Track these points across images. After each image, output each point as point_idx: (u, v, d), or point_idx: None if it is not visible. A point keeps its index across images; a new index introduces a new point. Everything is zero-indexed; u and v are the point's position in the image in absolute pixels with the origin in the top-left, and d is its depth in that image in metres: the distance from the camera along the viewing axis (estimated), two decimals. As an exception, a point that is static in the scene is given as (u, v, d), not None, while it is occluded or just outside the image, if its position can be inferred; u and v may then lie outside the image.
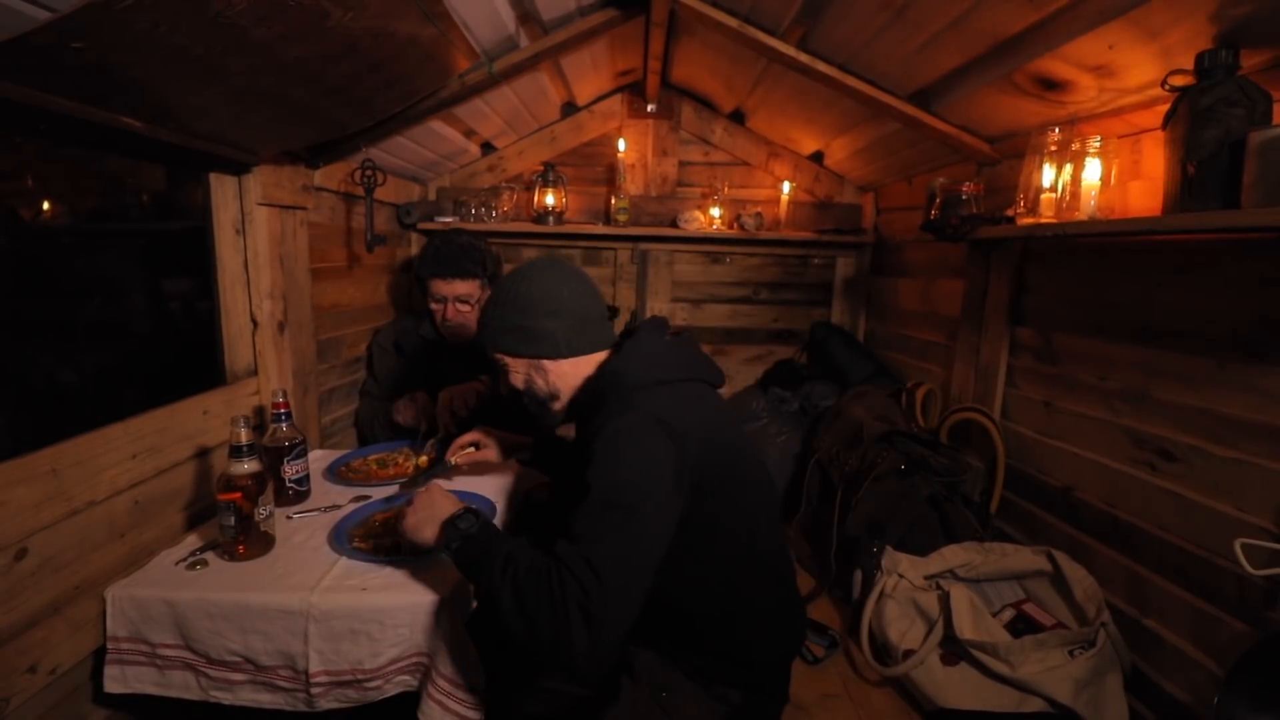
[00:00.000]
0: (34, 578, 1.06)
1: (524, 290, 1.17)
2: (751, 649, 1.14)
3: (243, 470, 1.21)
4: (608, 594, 0.89)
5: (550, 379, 1.20)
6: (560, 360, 1.18)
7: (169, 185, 1.68)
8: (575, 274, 1.22)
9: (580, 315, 1.18)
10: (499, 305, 1.19)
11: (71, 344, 1.42)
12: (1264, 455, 1.14)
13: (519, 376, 1.21)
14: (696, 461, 1.02)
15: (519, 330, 1.17)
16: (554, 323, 1.16)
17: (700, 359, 1.22)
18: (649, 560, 0.96)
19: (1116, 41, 1.19)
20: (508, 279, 1.21)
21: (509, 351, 1.20)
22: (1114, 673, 1.35)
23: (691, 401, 1.10)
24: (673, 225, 2.64)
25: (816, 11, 1.61)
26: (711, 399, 1.18)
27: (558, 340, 1.17)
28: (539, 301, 1.16)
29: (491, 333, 1.20)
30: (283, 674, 1.12)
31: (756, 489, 1.18)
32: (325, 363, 2.01)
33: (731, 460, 1.11)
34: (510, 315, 1.17)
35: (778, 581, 1.20)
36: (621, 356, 1.14)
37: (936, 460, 1.79)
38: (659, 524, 0.97)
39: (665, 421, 1.02)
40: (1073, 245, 1.61)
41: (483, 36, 1.68)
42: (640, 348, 1.15)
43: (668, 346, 1.18)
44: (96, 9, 0.78)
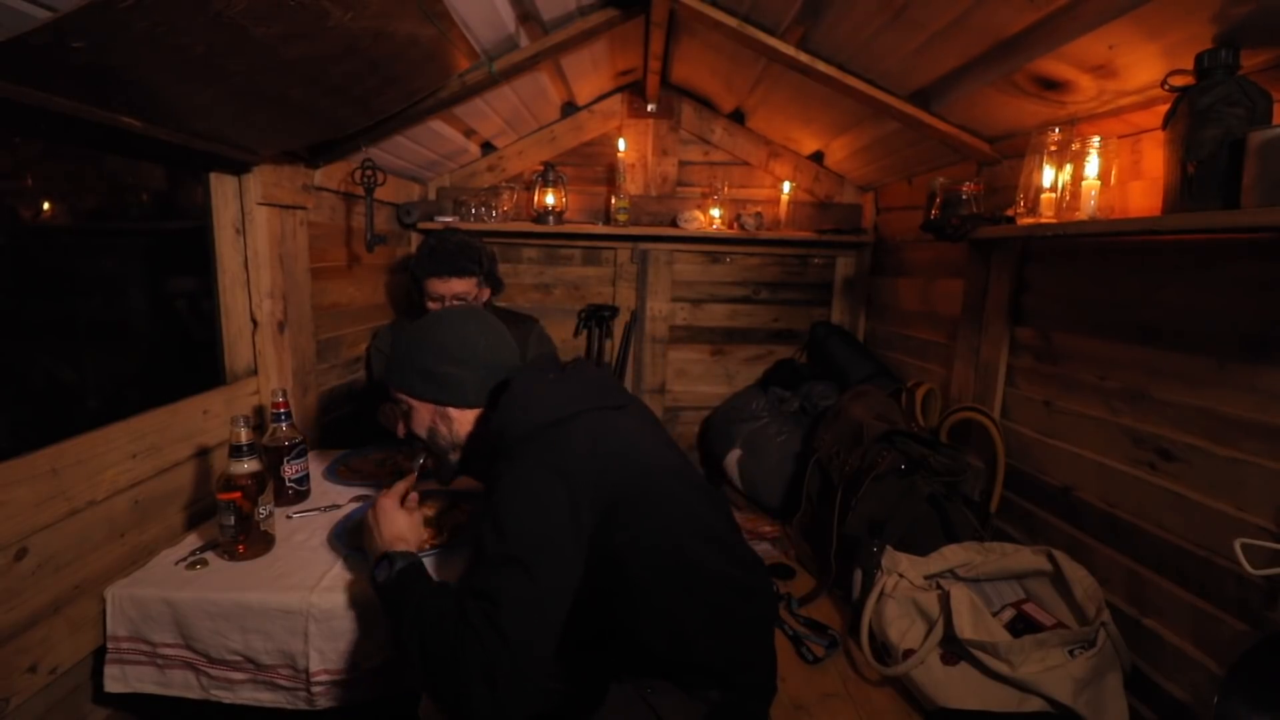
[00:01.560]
0: (34, 577, 1.06)
1: (440, 336, 1.17)
2: (717, 655, 1.11)
3: (243, 470, 1.21)
4: (513, 651, 0.89)
5: (454, 427, 1.18)
6: (466, 410, 1.17)
7: (169, 185, 1.68)
8: (492, 325, 1.22)
9: (491, 367, 1.17)
10: (412, 347, 1.18)
11: (72, 344, 1.42)
12: (1264, 455, 1.14)
13: (422, 422, 1.19)
14: (596, 495, 1.00)
15: (429, 374, 1.16)
16: (466, 371, 1.16)
17: (593, 388, 1.17)
18: (553, 610, 0.96)
19: (1117, 41, 1.19)
20: (425, 322, 1.20)
21: (415, 394, 1.18)
22: (1114, 672, 1.35)
23: (583, 436, 1.06)
24: (673, 225, 2.64)
25: (816, 11, 1.61)
26: (611, 424, 1.12)
27: (466, 390, 1.16)
28: (453, 348, 1.16)
29: (401, 372, 1.18)
30: (283, 673, 1.12)
31: (678, 501, 1.11)
32: (325, 362, 2.01)
33: (643, 480, 1.07)
34: (422, 358, 1.16)
35: (733, 588, 1.14)
36: (501, 410, 1.10)
37: (936, 460, 1.79)
38: (559, 572, 0.97)
39: (553, 465, 1.00)
40: (1073, 245, 1.61)
41: (483, 36, 1.68)
42: (516, 399, 1.11)
43: (550, 386, 1.13)
44: (96, 9, 0.78)
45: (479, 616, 0.91)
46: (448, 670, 0.90)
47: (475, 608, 0.92)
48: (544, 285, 2.83)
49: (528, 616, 0.92)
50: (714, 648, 1.11)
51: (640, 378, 2.87)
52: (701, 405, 2.89)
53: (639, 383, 2.87)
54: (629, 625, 1.10)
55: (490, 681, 0.87)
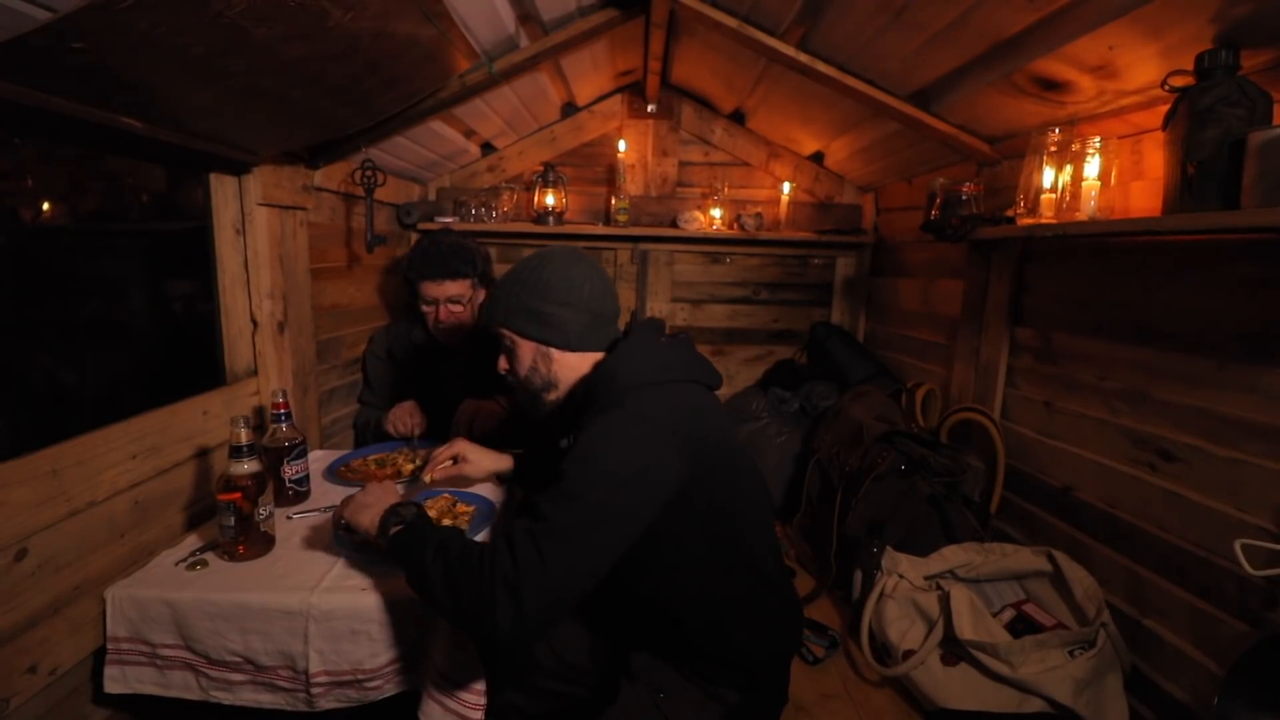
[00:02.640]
0: (34, 578, 1.05)
1: (547, 276, 1.17)
2: (746, 651, 1.14)
3: (243, 470, 1.21)
4: (546, 576, 0.88)
5: (553, 368, 1.19)
6: (568, 352, 1.18)
7: (169, 185, 1.68)
8: (597, 270, 1.22)
9: (596, 312, 1.18)
10: (519, 284, 1.18)
11: (72, 344, 1.42)
12: (1264, 455, 1.15)
13: (524, 360, 1.20)
14: (684, 463, 1.01)
15: (536, 314, 1.16)
16: (571, 314, 1.16)
17: (696, 360, 1.21)
18: (601, 557, 0.95)
19: (1117, 42, 1.19)
20: (531, 260, 1.20)
21: (519, 331, 1.19)
22: (1114, 673, 1.35)
23: (683, 403, 1.09)
24: (673, 225, 2.64)
25: (816, 11, 1.61)
26: (706, 401, 1.16)
27: (570, 332, 1.17)
28: (561, 289, 1.16)
29: (505, 309, 1.19)
30: (283, 674, 1.12)
31: (748, 493, 1.16)
32: (325, 363, 2.01)
33: (723, 463, 1.10)
34: (529, 297, 1.16)
35: (771, 584, 1.19)
36: (616, 356, 1.14)
37: (936, 460, 1.79)
38: (622, 522, 0.96)
39: (651, 421, 1.01)
40: (1073, 245, 1.61)
41: (483, 36, 1.68)
42: (634, 348, 1.14)
43: (663, 347, 1.17)
44: (96, 9, 0.78)
45: (525, 537, 0.91)
46: (474, 585, 0.90)
47: (526, 528, 0.92)
48: (544, 286, 2.82)
49: (575, 554, 0.91)
50: (746, 645, 1.14)
51: (640, 378, 2.87)
52: (701, 406, 2.88)
53: (639, 383, 2.87)
54: (674, 602, 1.12)
55: (515, 595, 0.87)
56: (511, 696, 1.29)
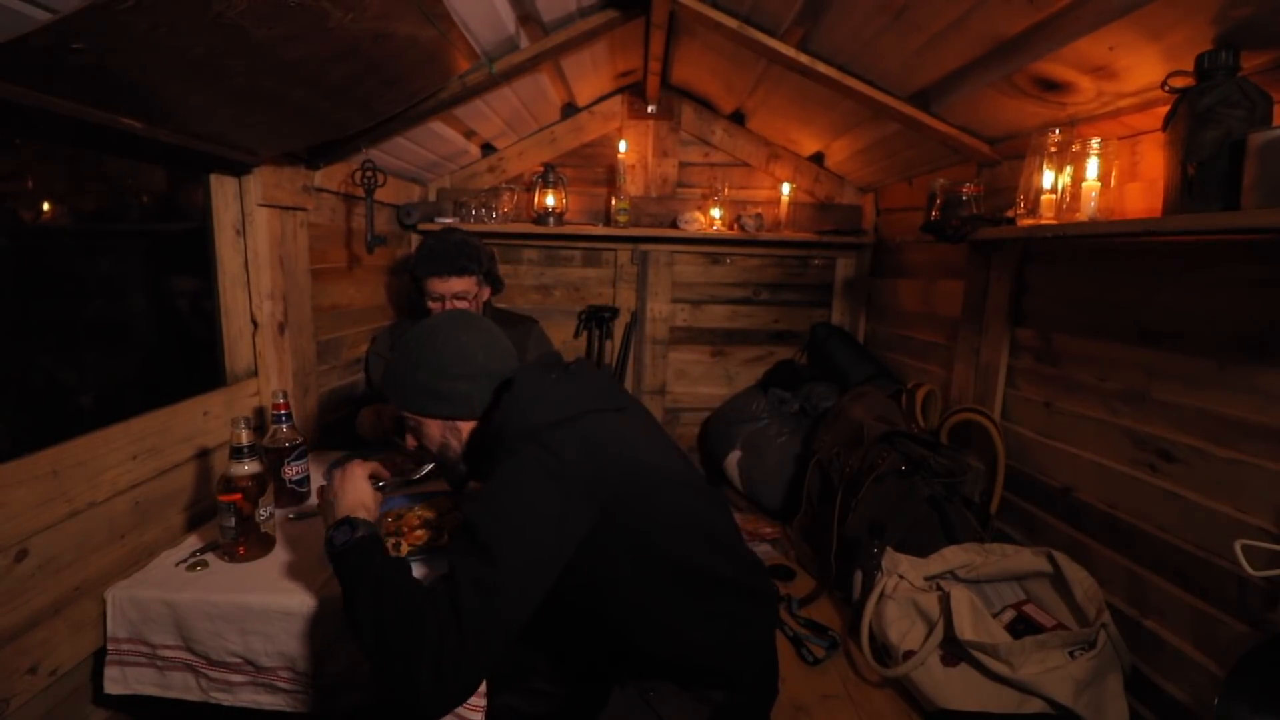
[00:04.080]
0: (34, 578, 1.06)
1: (439, 350, 1.15)
2: (718, 657, 1.12)
3: (243, 471, 1.21)
4: (466, 642, 0.89)
5: (464, 438, 1.18)
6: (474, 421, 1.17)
7: (169, 186, 1.68)
8: (485, 330, 1.20)
9: (493, 373, 1.16)
10: (412, 365, 1.16)
11: (72, 345, 1.42)
12: (1264, 456, 1.14)
13: (433, 439, 1.19)
14: (592, 498, 1.00)
15: (435, 392, 1.14)
16: (469, 385, 1.15)
17: (593, 389, 1.17)
18: (519, 608, 0.95)
19: (1117, 43, 1.19)
20: (419, 336, 1.18)
21: (423, 412, 1.17)
22: (1114, 674, 1.35)
23: (581, 439, 1.05)
24: (673, 226, 2.64)
25: (816, 12, 1.61)
26: (611, 426, 1.11)
27: (473, 401, 1.15)
28: (455, 361, 1.15)
29: (403, 393, 1.17)
30: (283, 675, 1.12)
31: (678, 504, 1.12)
32: (325, 364, 2.01)
33: (643, 483, 1.07)
34: (426, 377, 1.14)
35: (725, 584, 1.14)
36: (503, 408, 1.10)
37: (937, 461, 1.79)
38: (532, 571, 0.96)
39: (547, 467, 1.00)
40: (1073, 246, 1.61)
41: (483, 37, 1.68)
42: (518, 398, 1.10)
43: (551, 386, 1.12)
44: (97, 10, 0.78)
45: (444, 599, 0.91)
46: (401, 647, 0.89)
47: (442, 591, 0.93)
48: (544, 286, 2.83)
49: (488, 609, 0.91)
50: (713, 649, 1.12)
51: (640, 379, 2.87)
52: (702, 406, 2.89)
53: (639, 384, 2.87)
54: (627, 628, 1.10)
55: (437, 665, 0.87)
56: (509, 699, 1.29)
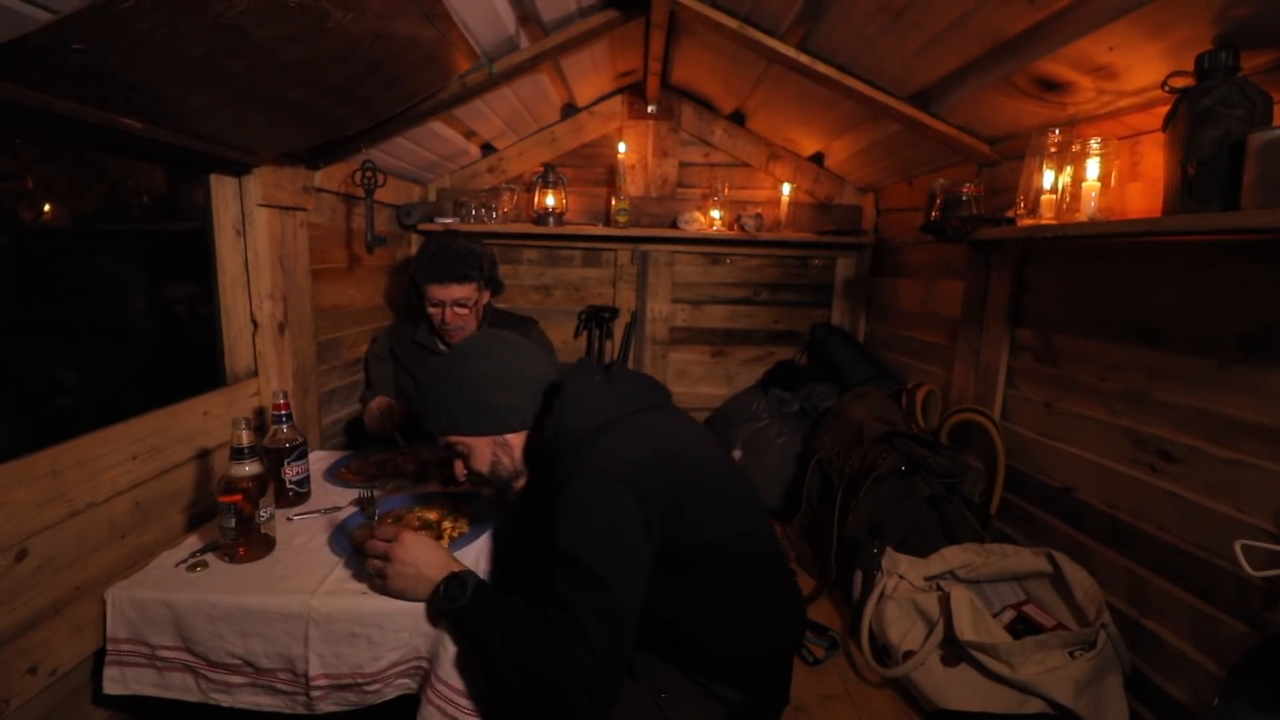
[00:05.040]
0: (34, 579, 1.05)
1: (479, 367, 1.15)
2: (746, 651, 1.14)
3: (243, 472, 1.21)
4: (602, 660, 0.94)
5: (515, 454, 1.18)
6: (523, 432, 1.17)
7: (169, 186, 1.68)
8: (517, 344, 1.21)
9: (537, 381, 1.17)
10: (454, 385, 1.15)
11: (72, 345, 1.42)
12: (1264, 456, 1.15)
13: (484, 458, 1.17)
14: (659, 496, 1.02)
15: (484, 407, 1.14)
16: (516, 395, 1.15)
17: (635, 389, 1.18)
18: (632, 615, 0.99)
19: (1117, 43, 1.20)
20: (454, 362, 1.17)
21: (471, 431, 1.16)
22: (1114, 674, 1.35)
23: (638, 437, 1.08)
24: (673, 226, 2.64)
25: (816, 12, 1.61)
26: (660, 423, 1.14)
27: (523, 411, 1.15)
28: (497, 374, 1.15)
29: (448, 416, 1.15)
30: (282, 677, 1.12)
31: (730, 500, 1.15)
32: (325, 364, 2.01)
33: (697, 479, 1.10)
34: (469, 393, 1.14)
35: (766, 585, 1.18)
36: (556, 415, 1.10)
37: (937, 461, 1.79)
38: (636, 580, 1.00)
39: (618, 470, 1.01)
40: (1073, 246, 1.61)
41: (483, 37, 1.68)
42: (569, 403, 1.11)
43: (599, 386, 1.14)
44: (97, 10, 0.78)
45: (568, 632, 0.95)
46: (549, 685, 0.95)
47: (562, 622, 0.96)
48: (544, 286, 2.83)
49: (613, 628, 0.96)
50: (744, 644, 1.14)
51: (640, 379, 2.87)
52: (702, 406, 2.89)
53: (639, 384, 2.87)
54: (667, 612, 1.12)
55: (589, 689, 0.94)
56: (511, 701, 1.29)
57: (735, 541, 1.14)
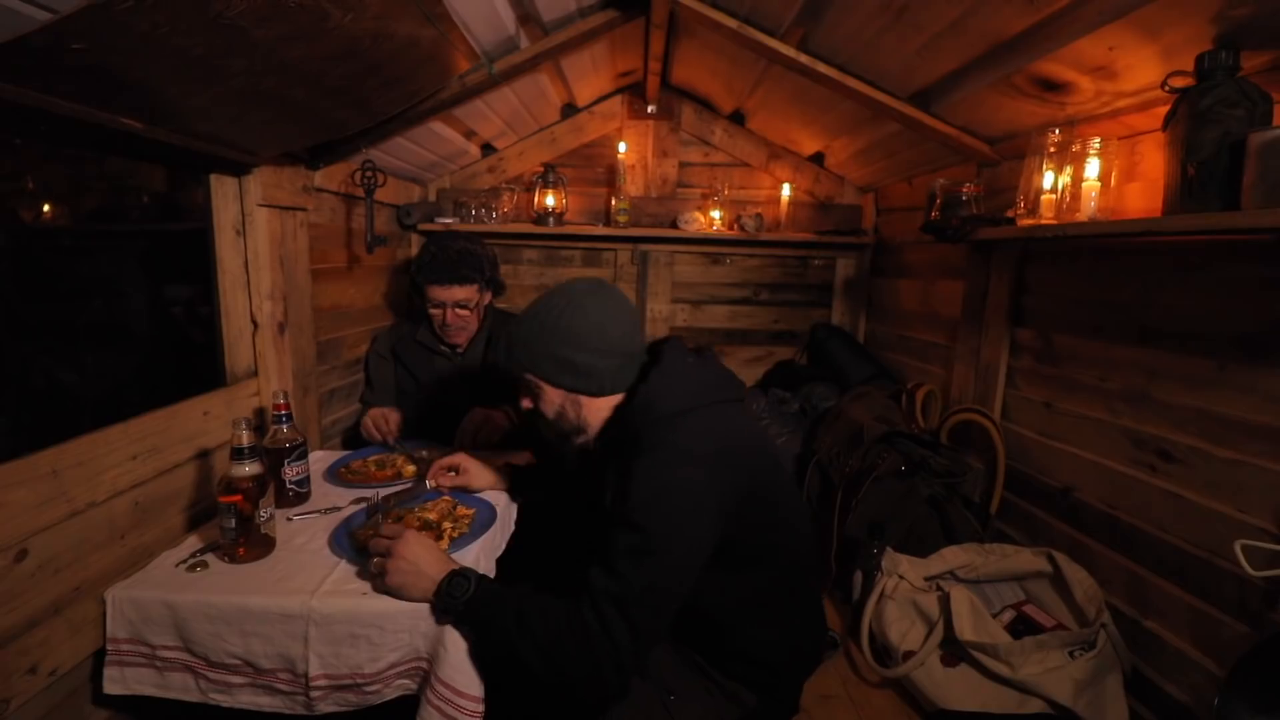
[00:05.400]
0: (34, 579, 1.05)
1: (575, 321, 1.12)
2: (774, 654, 1.16)
3: (243, 472, 1.21)
4: (639, 637, 0.95)
5: (583, 414, 1.17)
6: (598, 398, 1.16)
7: (169, 186, 1.68)
8: (623, 305, 1.17)
9: (626, 352, 1.15)
10: (545, 329, 1.13)
11: (72, 345, 1.42)
12: (1264, 456, 1.15)
13: (551, 405, 1.17)
14: (733, 489, 1.03)
15: (565, 362, 1.12)
16: (602, 361, 1.13)
17: (725, 378, 1.19)
18: (680, 598, 1.01)
19: (1117, 43, 1.20)
20: (555, 302, 1.15)
21: (546, 378, 1.15)
22: (1114, 674, 1.35)
23: (723, 425, 1.09)
24: (673, 226, 2.64)
25: (816, 12, 1.61)
26: (740, 418, 1.15)
27: (603, 379, 1.14)
28: (591, 336, 1.12)
29: (530, 354, 1.15)
30: (282, 677, 1.12)
31: (786, 506, 1.18)
32: (325, 364, 2.00)
33: (764, 479, 1.12)
34: (557, 344, 1.12)
35: (804, 593, 1.22)
36: (651, 387, 1.10)
37: (937, 461, 1.79)
38: (692, 564, 1.01)
39: (700, 454, 1.02)
40: (1073, 246, 1.61)
41: (483, 37, 1.68)
42: (668, 376, 1.11)
43: (692, 368, 1.15)
44: (96, 10, 0.78)
45: (609, 605, 0.95)
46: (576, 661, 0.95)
47: (608, 591, 0.95)
48: (544, 287, 2.83)
49: (658, 607, 0.97)
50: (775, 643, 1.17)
51: (640, 379, 2.87)
52: (701, 406, 2.88)
53: (639, 384, 2.87)
54: (713, 606, 1.13)
55: (618, 666, 0.95)
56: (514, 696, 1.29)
57: (786, 546, 1.16)
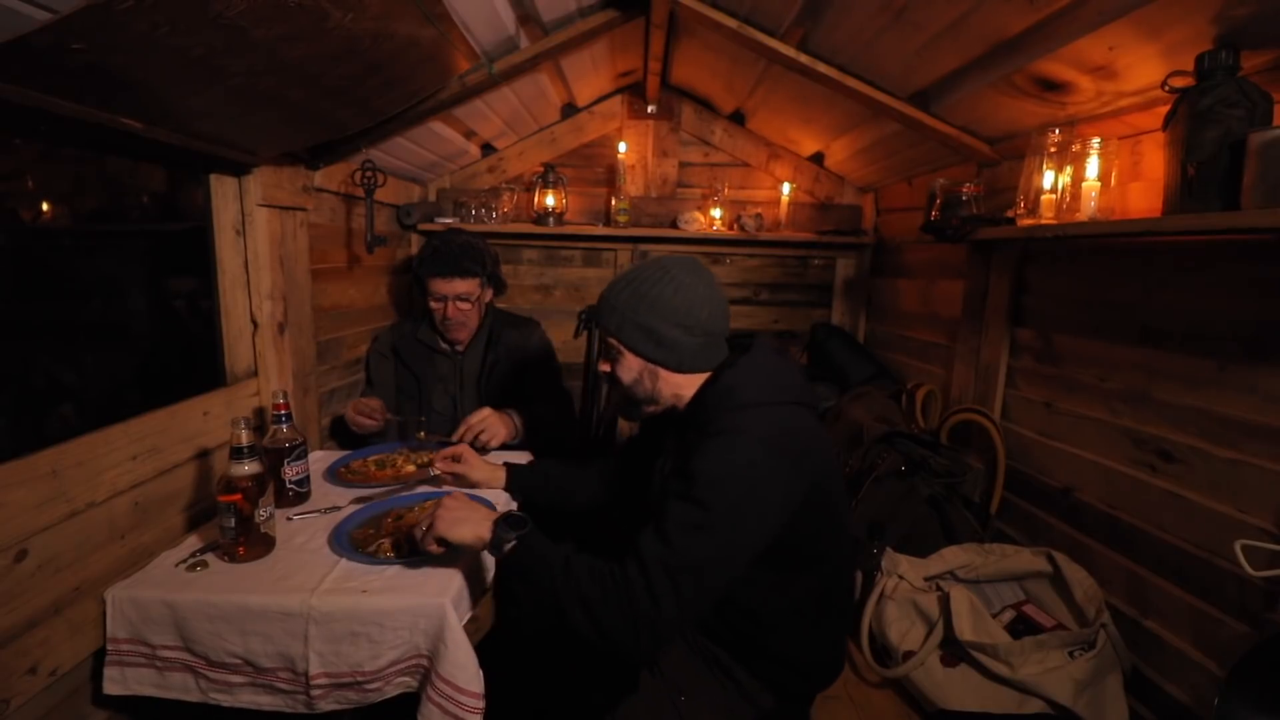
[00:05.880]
0: (34, 579, 1.05)
1: (667, 294, 1.13)
2: (807, 656, 1.19)
3: (243, 472, 1.21)
4: (683, 608, 0.96)
5: (659, 385, 1.19)
6: (676, 374, 1.18)
7: (169, 186, 1.68)
8: (714, 287, 1.18)
9: (712, 333, 1.17)
10: (637, 296, 1.15)
11: (72, 345, 1.42)
12: (1264, 456, 1.14)
13: (629, 371, 1.19)
14: (799, 486, 1.05)
15: (651, 332, 1.14)
16: (686, 337, 1.14)
17: (804, 383, 1.20)
18: (726, 580, 1.02)
19: (1117, 43, 1.19)
20: (651, 272, 1.16)
21: (630, 346, 1.17)
22: (1114, 674, 1.35)
23: (797, 424, 1.10)
24: (673, 226, 2.64)
25: (816, 12, 1.61)
26: (813, 421, 1.17)
27: (683, 355, 1.16)
28: (680, 311, 1.13)
29: (618, 319, 1.17)
30: (282, 676, 1.12)
31: (841, 518, 1.20)
32: (325, 364, 2.01)
33: (829, 485, 1.13)
34: (646, 313, 1.14)
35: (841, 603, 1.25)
36: (739, 373, 1.13)
37: (937, 461, 1.79)
38: (747, 546, 1.02)
39: (773, 446, 1.03)
40: (1073, 246, 1.61)
41: (483, 37, 1.68)
42: (756, 369, 1.14)
43: (779, 366, 1.17)
44: (96, 10, 0.78)
45: (658, 568, 0.96)
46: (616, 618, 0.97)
47: (658, 556, 0.97)
48: (544, 286, 2.83)
49: (704, 583, 0.98)
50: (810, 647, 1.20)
51: (640, 379, 2.87)
52: (701, 406, 2.89)
53: (639, 384, 2.87)
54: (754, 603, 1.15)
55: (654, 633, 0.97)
56: None
57: (835, 555, 1.18)
